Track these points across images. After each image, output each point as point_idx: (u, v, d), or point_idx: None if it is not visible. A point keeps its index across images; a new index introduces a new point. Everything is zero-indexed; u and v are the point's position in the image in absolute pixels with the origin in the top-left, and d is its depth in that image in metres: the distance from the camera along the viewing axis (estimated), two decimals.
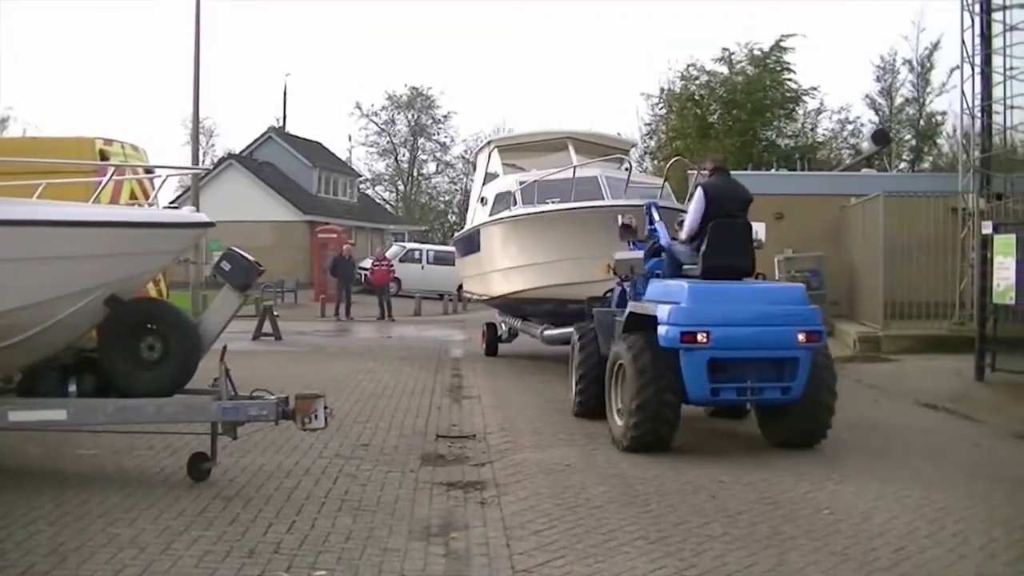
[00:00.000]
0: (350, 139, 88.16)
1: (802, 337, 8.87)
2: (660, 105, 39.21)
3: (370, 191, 69.25)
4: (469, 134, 73.18)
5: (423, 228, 64.83)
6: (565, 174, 14.84)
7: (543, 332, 15.81)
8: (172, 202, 34.23)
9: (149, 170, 12.28)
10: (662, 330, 8.86)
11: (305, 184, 49.73)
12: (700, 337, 8.68)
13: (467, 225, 19.89)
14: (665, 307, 8.96)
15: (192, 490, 7.60)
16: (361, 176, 65.06)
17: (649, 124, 40.43)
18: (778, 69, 36.89)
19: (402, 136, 72.74)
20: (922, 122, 43.89)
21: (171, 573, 5.75)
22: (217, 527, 6.62)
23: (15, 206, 7.65)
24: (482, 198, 17.99)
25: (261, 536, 6.46)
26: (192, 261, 26.85)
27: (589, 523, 6.82)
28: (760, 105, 36.20)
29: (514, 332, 18.08)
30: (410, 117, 72.09)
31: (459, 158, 72.16)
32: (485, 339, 18.69)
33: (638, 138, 38.41)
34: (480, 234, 17.25)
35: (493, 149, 18.53)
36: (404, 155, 73.31)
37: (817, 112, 41.29)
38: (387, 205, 70.45)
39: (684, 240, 9.95)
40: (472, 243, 17.99)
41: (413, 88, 71.21)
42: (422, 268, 41.30)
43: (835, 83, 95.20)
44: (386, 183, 74.75)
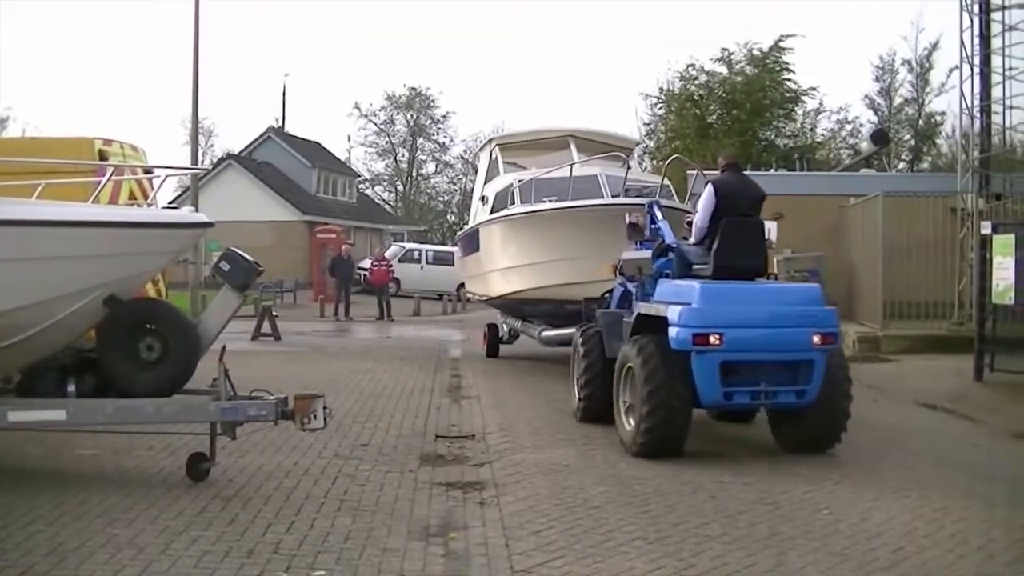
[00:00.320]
0: (349, 139, 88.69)
1: (817, 339, 8.62)
2: (659, 105, 39.33)
3: (369, 191, 69.22)
4: (468, 134, 73.54)
5: (422, 228, 64.80)
6: (563, 172, 14.61)
7: (541, 333, 15.65)
8: (171, 202, 34.07)
9: (148, 170, 12.29)
10: (673, 332, 8.59)
11: (304, 184, 49.71)
12: (713, 339, 8.42)
13: (468, 224, 19.75)
14: (676, 308, 8.68)
15: (191, 490, 7.60)
16: (360, 176, 65.05)
17: (648, 124, 40.57)
18: (777, 69, 36.96)
19: (401, 136, 72.81)
20: (921, 122, 44.01)
21: (170, 573, 5.75)
22: (216, 527, 6.61)
23: (14, 206, 7.64)
24: (483, 197, 17.83)
25: (260, 536, 6.45)
26: (191, 261, 26.86)
27: (588, 523, 6.82)
28: (759, 105, 36.25)
29: (515, 333, 17.83)
30: (409, 117, 72.12)
31: (458, 158, 72.36)
32: (487, 340, 18.41)
33: (638, 138, 38.43)
34: (479, 233, 17.10)
35: (494, 147, 18.33)
36: (403, 155, 73.39)
37: (816, 112, 41.48)
38: (386, 205, 70.42)
39: (694, 242, 9.66)
40: (472, 242, 17.83)
41: (412, 88, 71.39)
42: (421, 268, 41.30)
43: (834, 83, 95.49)
44: (385, 183, 74.85)
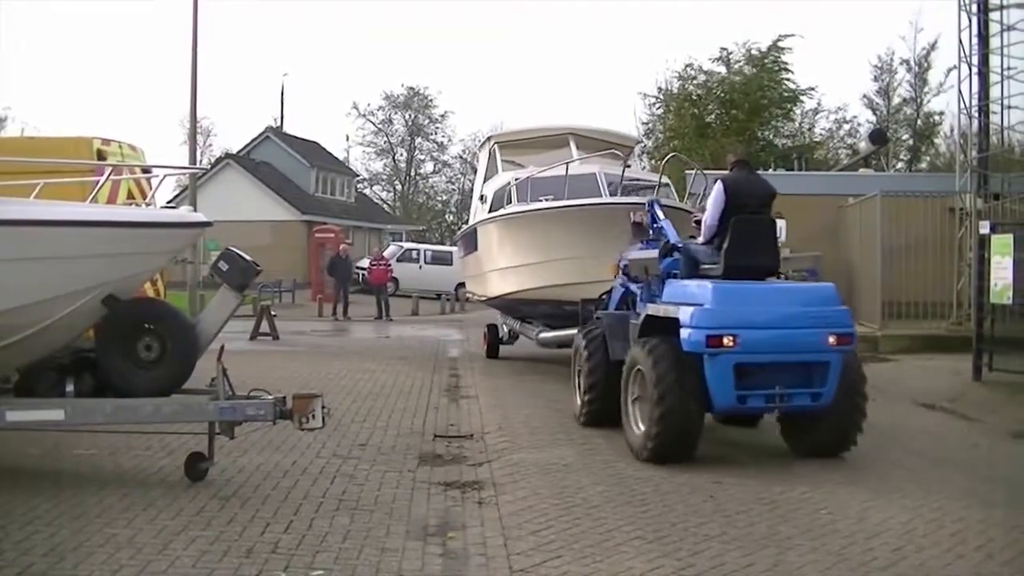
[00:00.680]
0: (347, 139, 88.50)
1: (833, 340, 8.45)
2: (657, 105, 39.33)
3: (367, 191, 69.18)
4: (467, 134, 73.55)
5: (420, 228, 64.82)
6: (560, 170, 14.40)
7: (538, 335, 15.53)
8: (169, 202, 33.97)
9: (146, 170, 12.28)
10: (685, 333, 8.34)
11: (303, 184, 49.67)
12: (727, 340, 8.18)
13: (468, 223, 19.63)
14: (688, 309, 8.44)
15: (189, 490, 7.59)
16: (358, 176, 65.04)
17: (646, 124, 40.53)
18: (776, 69, 37.00)
19: (399, 136, 72.81)
20: (919, 122, 44.10)
21: (168, 573, 5.75)
22: (214, 527, 6.61)
23: (13, 206, 7.63)
24: (482, 196, 17.62)
25: (258, 536, 6.45)
26: (190, 261, 26.87)
27: (586, 523, 6.82)
28: (757, 105, 36.28)
29: (515, 334, 17.69)
30: (407, 117, 72.11)
31: (456, 158, 72.40)
32: (487, 341, 18.27)
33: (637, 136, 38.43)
34: (477, 233, 16.95)
35: (493, 145, 18.11)
36: (401, 155, 73.39)
37: (814, 112, 41.58)
38: (384, 205, 70.39)
39: (703, 241, 9.41)
40: (471, 242, 17.69)
41: (410, 88, 71.37)
42: (420, 268, 41.30)
43: (832, 83, 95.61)
44: (383, 183, 74.84)
